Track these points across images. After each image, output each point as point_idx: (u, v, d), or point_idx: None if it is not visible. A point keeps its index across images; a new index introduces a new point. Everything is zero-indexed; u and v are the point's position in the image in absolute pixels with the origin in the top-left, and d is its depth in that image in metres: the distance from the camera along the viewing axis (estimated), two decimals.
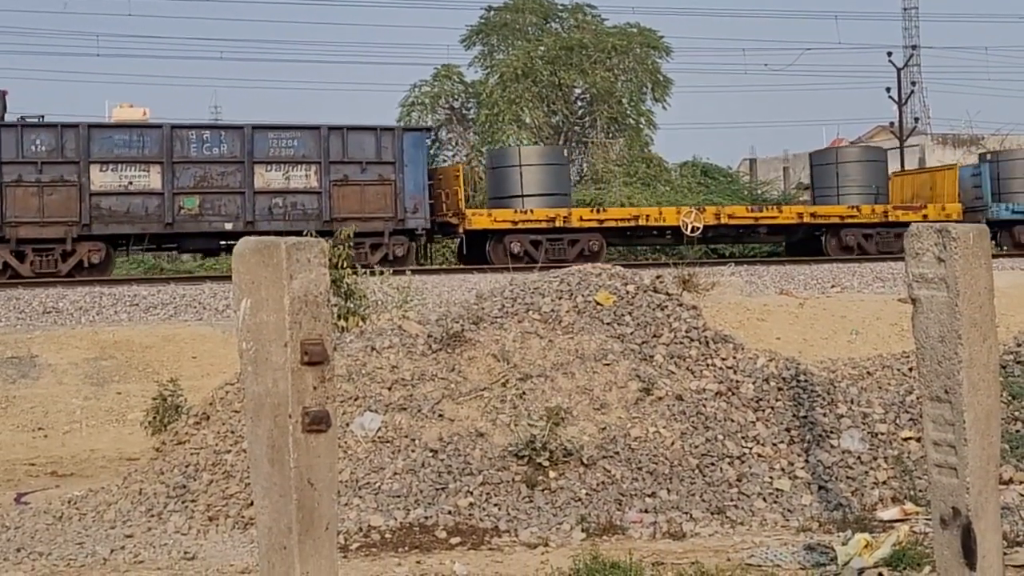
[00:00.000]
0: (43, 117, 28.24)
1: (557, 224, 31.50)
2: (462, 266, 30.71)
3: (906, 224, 34.01)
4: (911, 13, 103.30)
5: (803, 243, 35.13)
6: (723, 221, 33.44)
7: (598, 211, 33.84)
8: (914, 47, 79.21)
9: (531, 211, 31.54)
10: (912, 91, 57.55)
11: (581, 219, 32.08)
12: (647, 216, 33.33)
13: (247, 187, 28.44)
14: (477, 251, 31.69)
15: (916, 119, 60.39)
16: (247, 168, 28.49)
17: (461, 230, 31.28)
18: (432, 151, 52.90)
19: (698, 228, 32.67)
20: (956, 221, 35.06)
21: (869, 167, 36.86)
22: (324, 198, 29.00)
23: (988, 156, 38.75)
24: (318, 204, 29.06)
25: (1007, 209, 36.42)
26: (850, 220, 34.24)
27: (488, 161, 34.50)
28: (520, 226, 31.39)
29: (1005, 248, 35.49)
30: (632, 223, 32.95)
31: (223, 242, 29.05)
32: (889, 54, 53.48)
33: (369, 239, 28.84)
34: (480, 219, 31.33)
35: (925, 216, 34.56)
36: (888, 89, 52.52)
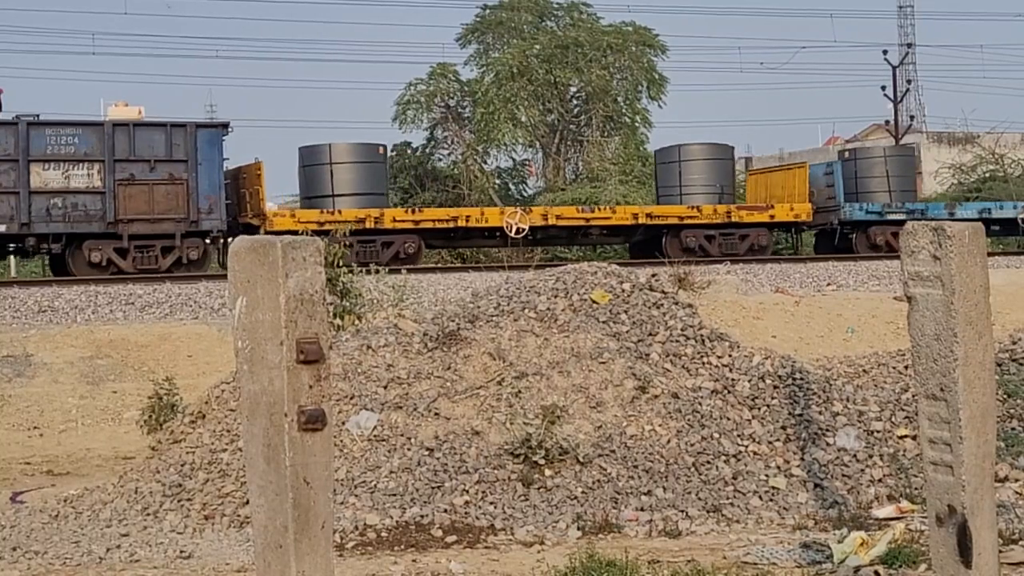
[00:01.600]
0: (39, 116, 28.17)
1: (368, 225, 29.94)
2: (458, 264, 30.63)
3: (750, 225, 33.21)
4: (907, 11, 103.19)
5: (645, 245, 33.74)
6: (551, 222, 32.31)
7: (413, 211, 32.86)
8: (910, 45, 79.20)
9: (339, 211, 30.05)
10: (908, 89, 57.61)
11: (395, 220, 30.74)
12: (468, 217, 32.06)
13: (22, 187, 26.76)
14: None
15: (912, 117, 60.34)
16: (22, 167, 26.84)
17: (262, 232, 28.72)
18: (428, 150, 53.07)
19: (524, 229, 31.56)
20: (803, 222, 34.49)
21: (714, 165, 35.49)
22: (108, 198, 27.24)
23: (845, 154, 37.71)
24: (102, 205, 27.36)
25: (861, 209, 34.99)
26: (690, 221, 32.93)
27: (300, 159, 33.15)
28: (327, 227, 28.50)
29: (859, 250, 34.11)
30: (451, 224, 31.63)
31: None
32: (885, 52, 53.62)
33: (160, 242, 27.65)
34: (283, 220, 29.70)
35: (772, 216, 33.75)
36: (884, 87, 52.67)
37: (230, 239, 29.85)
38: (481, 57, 52.72)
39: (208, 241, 28.98)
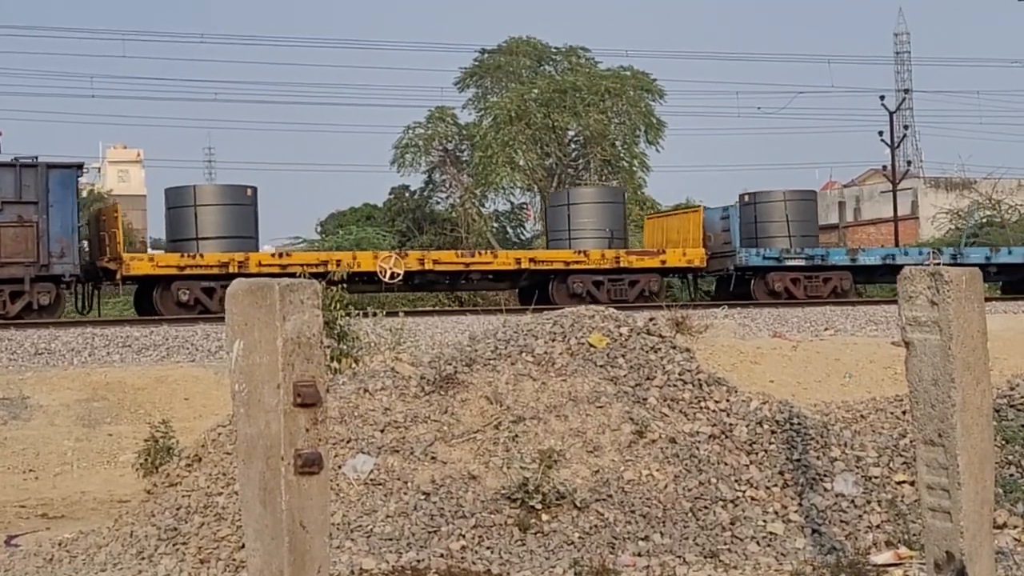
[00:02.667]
0: (37, 158, 28.22)
1: (232, 270, 28.74)
2: (456, 308, 30.56)
3: (640, 271, 32.57)
4: (903, 57, 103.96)
5: (532, 290, 32.69)
6: (428, 267, 31.45)
7: (281, 256, 31.99)
8: (906, 91, 79.72)
9: (200, 255, 29.18)
10: (905, 134, 57.86)
11: (260, 264, 29.67)
12: (338, 261, 30.37)
13: None
14: (149, 300, 29.70)
15: (909, 162, 60.53)
16: None
17: (119, 276, 29.02)
18: (426, 193, 53.20)
19: (398, 274, 30.87)
20: (696, 267, 33.83)
21: (604, 209, 34.83)
22: None
23: (745, 198, 36.89)
24: None
25: (758, 255, 34.21)
26: (577, 266, 32.24)
27: (165, 200, 32.23)
28: (188, 272, 28.79)
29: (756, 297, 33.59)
30: (321, 268, 29.31)
31: None
32: (882, 97, 53.84)
33: (8, 286, 26.48)
34: (140, 264, 28.89)
35: (663, 262, 33.12)
36: (881, 132, 52.80)
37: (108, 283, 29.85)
38: (479, 101, 52.96)
39: (62, 286, 27.78)
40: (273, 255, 32.04)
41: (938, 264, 35.35)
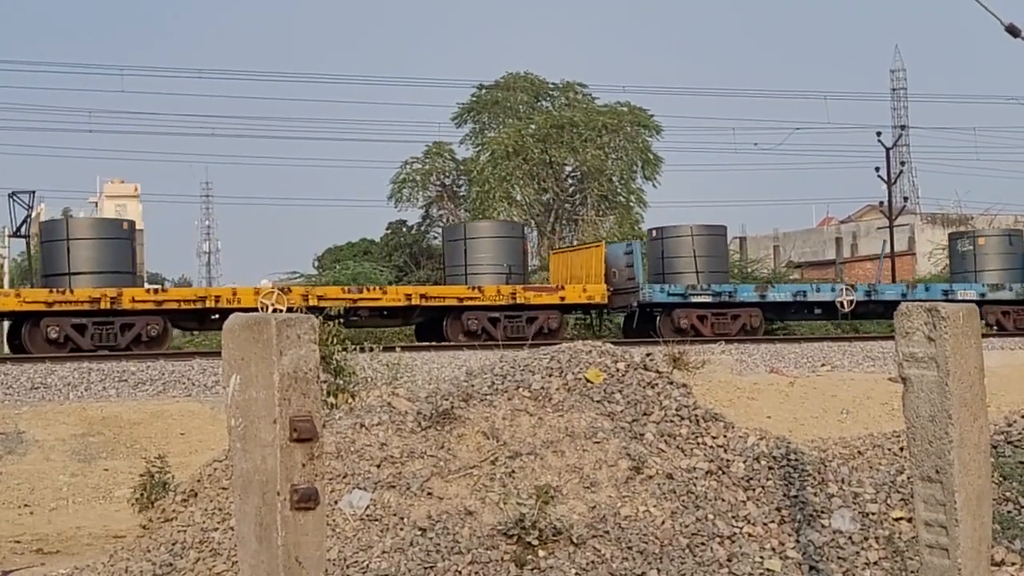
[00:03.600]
0: (34, 192, 28.28)
1: (104, 306, 28.23)
2: (453, 343, 30.48)
3: (539, 307, 32.04)
4: (900, 93, 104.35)
5: (426, 327, 32.69)
6: (312, 303, 29.96)
7: (156, 291, 31.35)
8: (903, 127, 79.93)
9: (71, 291, 28.34)
10: (901, 171, 57.96)
11: (134, 300, 28.91)
12: (217, 297, 30.34)
13: None
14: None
15: (906, 198, 60.78)
16: None
17: None
18: (423, 228, 53.29)
19: (281, 310, 28.49)
20: (598, 304, 33.10)
21: (502, 244, 33.99)
22: None
23: (653, 233, 36.61)
24: None
25: (662, 291, 33.57)
26: (471, 302, 31.45)
27: (39, 235, 31.40)
28: (56, 308, 27.92)
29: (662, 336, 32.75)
30: (200, 305, 29.99)
31: None
32: (878, 134, 53.94)
33: None
34: (5, 300, 28.20)
35: (562, 298, 32.44)
36: (877, 168, 52.88)
37: None
38: (477, 136, 53.11)
39: None
40: (147, 291, 31.22)
41: (851, 301, 34.95)
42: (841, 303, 35.21)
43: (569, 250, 38.09)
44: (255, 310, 28.38)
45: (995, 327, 35.66)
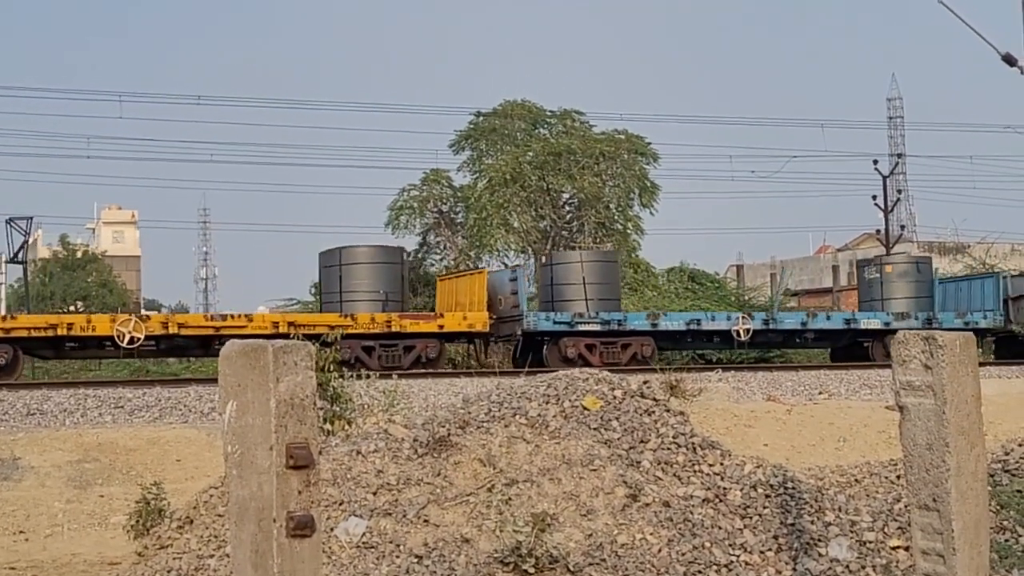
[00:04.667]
0: (32, 218, 28.31)
1: None
2: (449, 370, 30.39)
3: (415, 335, 30.93)
4: (896, 122, 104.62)
5: None
6: (173, 331, 29.67)
7: (5, 319, 30.44)
8: (900, 155, 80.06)
9: None
10: (898, 199, 58.05)
11: None
12: (70, 325, 29.40)
13: None
14: None
15: (903, 226, 60.79)
16: None
17: None
18: (420, 255, 53.27)
19: (138, 339, 29.12)
20: (479, 332, 32.09)
21: (378, 270, 32.99)
22: None
23: (542, 259, 35.93)
24: None
25: (548, 319, 32.59)
26: (344, 330, 29.47)
27: None
28: None
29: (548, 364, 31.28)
30: (52, 333, 28.92)
31: None
32: (875, 162, 54.05)
33: None
34: None
35: (441, 326, 31.49)
36: (874, 197, 52.96)
37: None
38: (474, 163, 53.10)
39: None
40: None
41: (748, 330, 34.22)
42: (737, 332, 34.44)
43: (454, 276, 37.01)
44: (110, 338, 28.81)
45: None
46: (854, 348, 36.86)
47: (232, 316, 31.38)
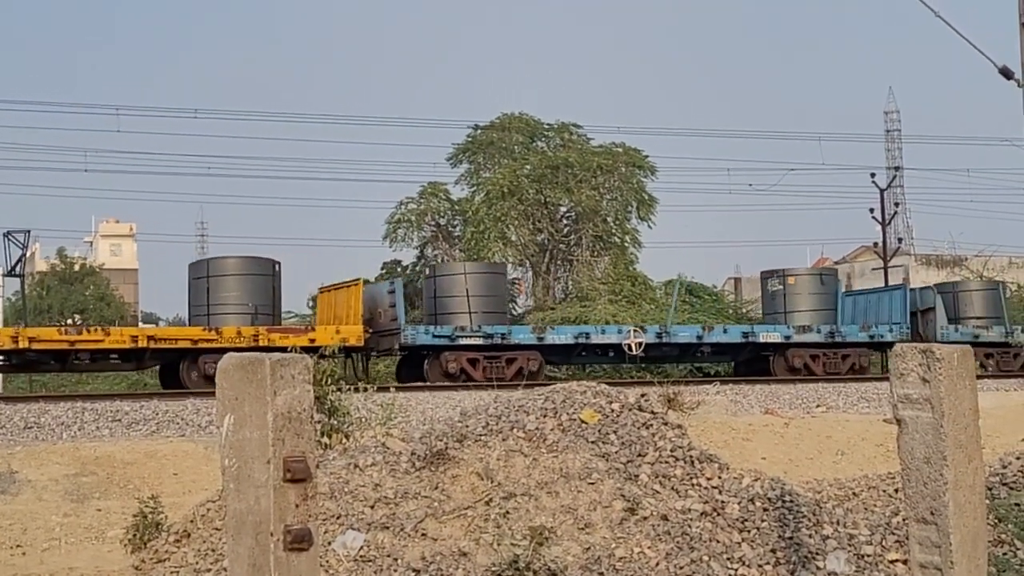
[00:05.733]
0: (29, 232, 28.28)
1: None
2: (447, 383, 30.30)
3: (284, 350, 30.71)
4: (894, 135, 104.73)
5: (167, 370, 30.57)
6: (24, 345, 27.86)
7: None
8: (897, 168, 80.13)
9: None
10: (895, 212, 58.06)
11: None
12: None
13: None
14: None
15: (900, 239, 60.81)
16: None
17: None
18: (418, 268, 53.28)
19: None
20: (353, 346, 30.92)
21: (247, 282, 31.59)
22: None
23: (425, 272, 34.45)
24: None
25: (427, 333, 31.57)
26: (207, 345, 28.96)
27: None
28: None
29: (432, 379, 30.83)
30: None
31: None
32: (872, 175, 54.14)
33: None
34: None
35: (312, 340, 29.20)
36: (872, 210, 53.04)
37: None
38: (472, 176, 53.17)
39: None
40: None
41: (640, 343, 33.09)
42: (629, 345, 33.48)
43: (333, 288, 35.06)
44: None
45: (802, 371, 34.46)
46: (756, 362, 36.21)
47: (88, 330, 30.29)
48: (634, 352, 33.40)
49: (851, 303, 39.70)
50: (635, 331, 34.01)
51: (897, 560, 9.51)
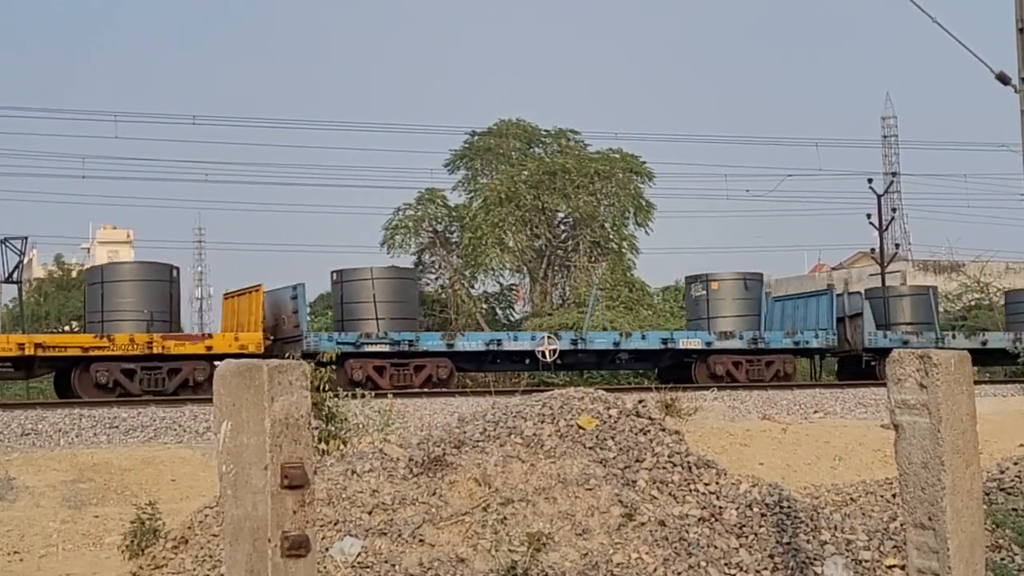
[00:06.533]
0: (27, 238, 28.24)
1: None
2: (444, 389, 30.19)
3: (180, 357, 28.56)
4: (891, 141, 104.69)
5: (60, 378, 29.79)
6: None
7: None
8: (894, 174, 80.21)
9: None
10: (893, 217, 58.15)
11: None
12: None
13: None
14: None
15: (897, 245, 60.79)
16: None
17: None
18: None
19: None
20: (252, 353, 28.71)
21: (144, 287, 30.81)
22: None
23: (334, 276, 33.67)
24: None
25: (330, 339, 30.52)
26: (99, 352, 28.01)
27: None
28: None
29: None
30: None
31: None
32: (870, 181, 54.07)
33: None
34: None
35: (209, 348, 29.06)
36: (869, 215, 53.01)
37: None
38: (469, 182, 53.16)
39: None
40: None
41: (554, 350, 32.36)
42: (543, 352, 32.81)
43: (236, 295, 33.87)
44: None
45: (725, 378, 33.55)
46: (679, 369, 35.23)
47: None
48: (548, 359, 32.79)
49: (780, 308, 39.09)
50: (549, 338, 33.51)
51: (895, 566, 9.51)
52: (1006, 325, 42.63)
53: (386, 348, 31.12)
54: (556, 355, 32.88)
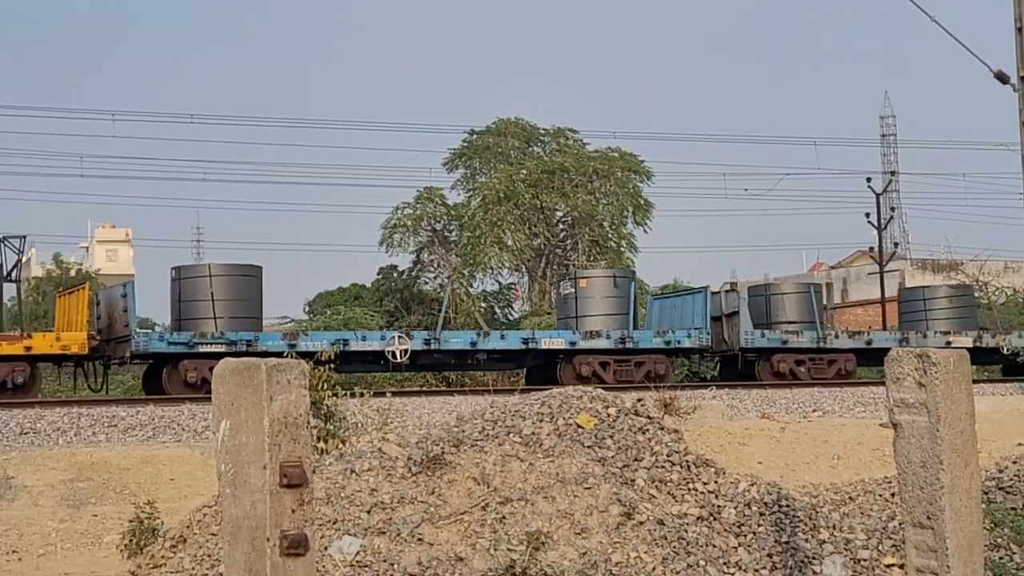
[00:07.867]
0: (25, 238, 28.19)
1: None
2: (443, 388, 30.10)
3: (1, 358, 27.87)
4: (889, 139, 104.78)
5: None
6: None
7: None
8: (893, 173, 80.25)
9: None
10: (891, 216, 58.19)
11: None
12: None
13: None
14: None
15: (896, 244, 60.79)
16: None
17: None
18: (414, 273, 53.37)
19: None
20: (76, 355, 29.06)
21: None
22: None
23: (173, 274, 31.85)
24: None
25: (162, 339, 29.47)
26: None
27: None
28: None
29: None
30: None
31: None
32: (868, 180, 54.10)
33: None
34: None
35: (28, 348, 27.76)
36: (868, 214, 53.03)
37: None
38: (468, 181, 53.22)
39: None
40: None
41: (405, 351, 31.12)
42: (393, 353, 31.65)
43: (67, 293, 32.57)
44: None
45: (593, 379, 31.72)
46: (546, 369, 34.06)
47: None
48: (399, 359, 31.83)
49: (658, 308, 38.04)
50: (400, 338, 32.45)
51: (893, 565, 9.51)
52: (899, 324, 41.89)
53: (222, 348, 29.33)
54: (407, 356, 31.87)
